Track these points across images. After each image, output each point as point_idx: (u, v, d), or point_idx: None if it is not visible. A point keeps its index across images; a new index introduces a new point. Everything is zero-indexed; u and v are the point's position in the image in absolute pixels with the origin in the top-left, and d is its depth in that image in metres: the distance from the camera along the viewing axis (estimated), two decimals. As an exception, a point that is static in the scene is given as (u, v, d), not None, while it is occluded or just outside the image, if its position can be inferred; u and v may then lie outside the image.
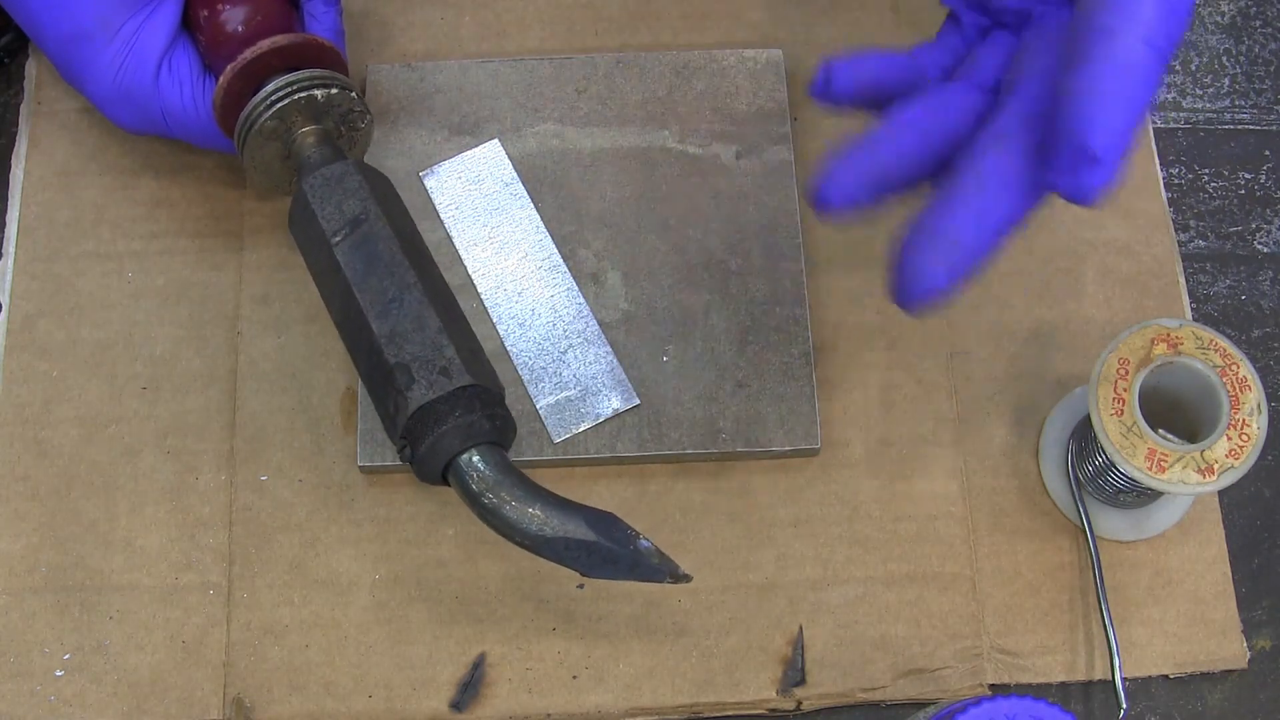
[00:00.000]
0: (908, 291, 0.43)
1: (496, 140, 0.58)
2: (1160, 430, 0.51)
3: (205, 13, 0.54)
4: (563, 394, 0.55)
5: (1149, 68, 0.41)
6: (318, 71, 0.53)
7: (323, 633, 0.54)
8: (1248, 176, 0.62)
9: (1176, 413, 0.52)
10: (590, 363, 0.56)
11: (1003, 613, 0.54)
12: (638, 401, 0.55)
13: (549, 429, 0.55)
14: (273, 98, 0.52)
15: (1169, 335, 0.50)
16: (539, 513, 0.47)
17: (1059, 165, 0.41)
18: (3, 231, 0.59)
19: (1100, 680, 0.54)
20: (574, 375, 0.56)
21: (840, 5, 0.63)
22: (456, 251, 0.57)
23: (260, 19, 0.53)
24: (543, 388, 0.55)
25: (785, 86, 0.60)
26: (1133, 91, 0.40)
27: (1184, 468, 0.49)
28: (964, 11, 0.49)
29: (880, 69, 0.48)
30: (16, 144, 0.60)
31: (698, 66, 0.61)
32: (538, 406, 0.55)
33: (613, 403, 0.55)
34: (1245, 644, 0.54)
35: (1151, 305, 0.59)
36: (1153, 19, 0.41)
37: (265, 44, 0.52)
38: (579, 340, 0.56)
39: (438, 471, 0.48)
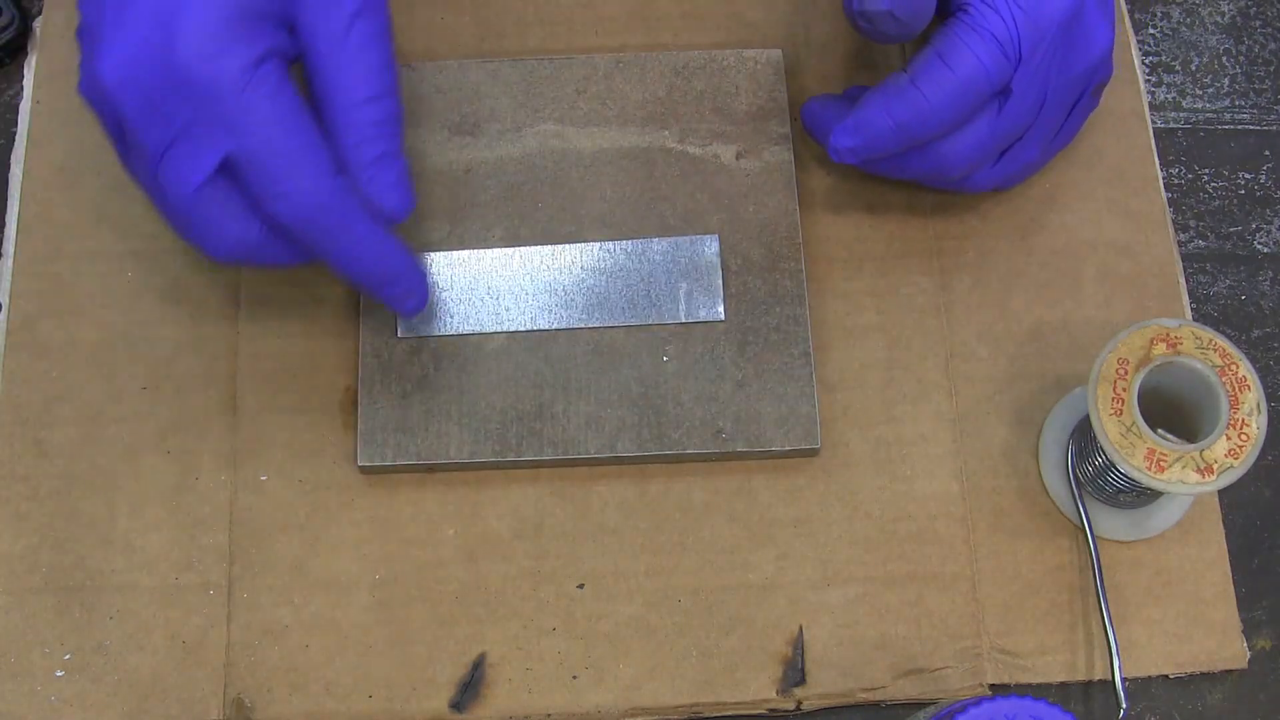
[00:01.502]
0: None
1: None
2: (1160, 430, 0.51)
3: None
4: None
5: (910, 106, 0.52)
6: None
7: (323, 633, 0.54)
8: (1248, 176, 0.62)
9: (1176, 413, 0.52)
10: None
11: (1003, 613, 0.54)
12: None
13: None
14: None
15: (1168, 335, 0.50)
16: None
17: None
18: (3, 231, 0.59)
19: (1100, 680, 0.54)
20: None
21: (840, 5, 0.63)
22: (455, 252, 0.57)
23: None
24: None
25: (785, 86, 0.60)
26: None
27: (1183, 467, 0.49)
28: None
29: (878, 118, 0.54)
30: (16, 144, 0.60)
31: (698, 66, 0.61)
32: None
33: None
34: (1245, 644, 0.54)
35: (1151, 305, 0.59)
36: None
37: None
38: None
39: None
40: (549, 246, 0.58)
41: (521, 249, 0.57)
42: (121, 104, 0.47)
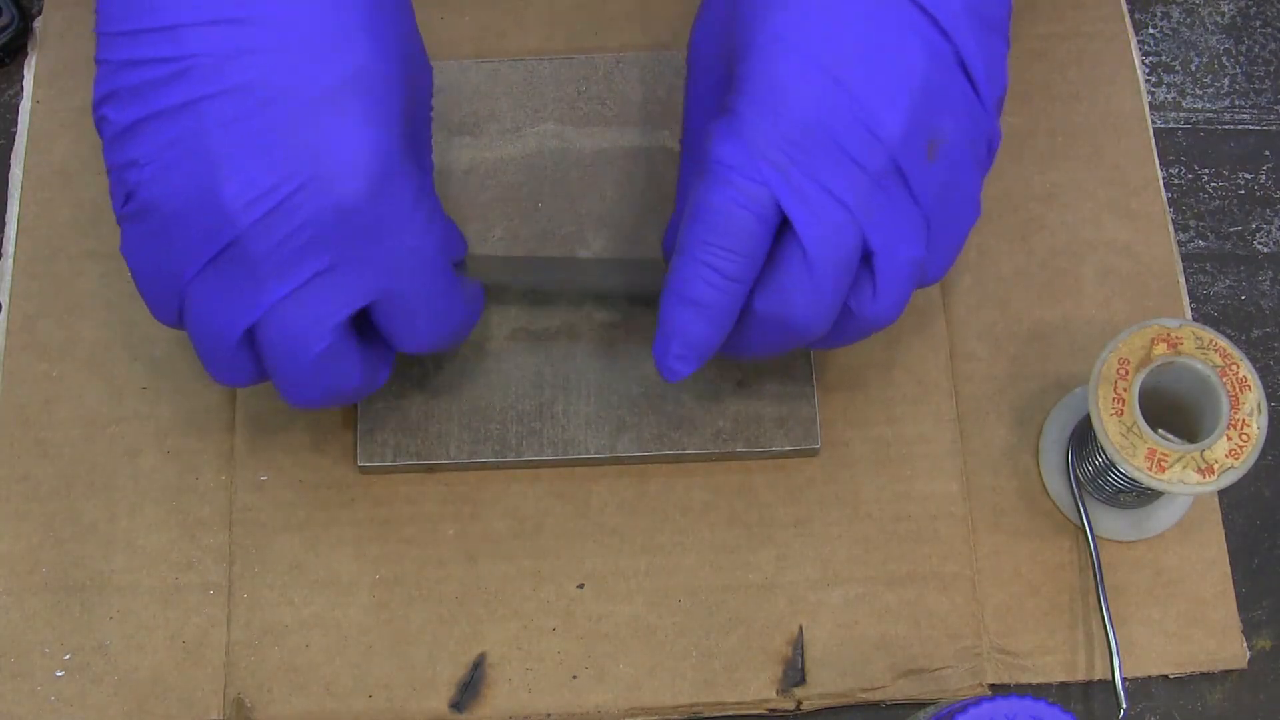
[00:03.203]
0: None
1: None
2: (1160, 430, 0.51)
3: None
4: None
5: (695, 281, 0.46)
6: None
7: (323, 633, 0.54)
8: (1248, 176, 0.62)
9: (1176, 413, 0.52)
10: None
11: (1003, 613, 0.54)
12: None
13: None
14: None
15: (1169, 335, 0.50)
16: None
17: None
18: (3, 231, 0.59)
19: (1100, 680, 0.54)
20: None
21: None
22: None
23: None
24: None
25: (785, 86, 0.60)
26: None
27: (1184, 468, 0.49)
28: None
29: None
30: (16, 143, 0.60)
31: (698, 66, 0.61)
32: None
33: None
34: (1245, 644, 0.54)
35: (1151, 305, 0.59)
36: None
37: None
38: None
39: None
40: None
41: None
42: (252, 238, 0.43)
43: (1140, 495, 0.53)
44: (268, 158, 0.43)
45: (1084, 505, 0.54)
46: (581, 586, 0.54)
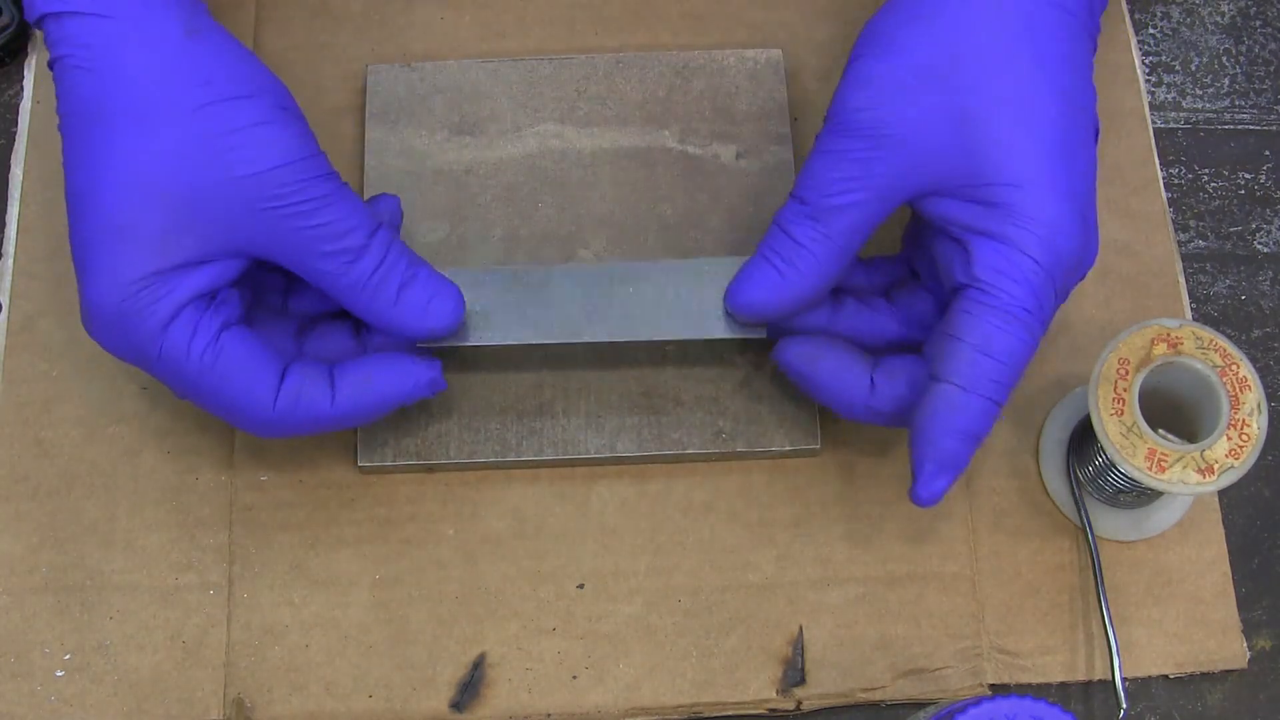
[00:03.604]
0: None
1: None
2: (1160, 430, 0.51)
3: None
4: None
5: (982, 418, 0.48)
6: None
7: (323, 633, 0.54)
8: (1248, 176, 0.62)
9: (1176, 413, 0.52)
10: None
11: (1003, 613, 0.54)
12: None
13: None
14: None
15: (1169, 335, 0.50)
16: None
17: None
18: (3, 231, 0.59)
19: (1100, 680, 0.54)
20: None
21: (840, 5, 0.63)
22: (456, 252, 0.57)
23: None
24: None
25: (785, 86, 0.60)
26: (959, 449, 0.48)
27: (1184, 468, 0.49)
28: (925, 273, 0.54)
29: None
30: (16, 143, 0.60)
31: (697, 66, 0.61)
32: None
33: None
34: (1245, 644, 0.54)
35: (1151, 305, 0.59)
36: (996, 385, 0.48)
37: None
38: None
39: None
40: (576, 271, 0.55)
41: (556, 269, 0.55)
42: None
43: (1140, 495, 0.53)
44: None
45: (1084, 505, 0.54)
46: (581, 586, 0.54)
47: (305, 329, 0.52)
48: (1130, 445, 0.49)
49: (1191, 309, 0.59)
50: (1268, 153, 0.62)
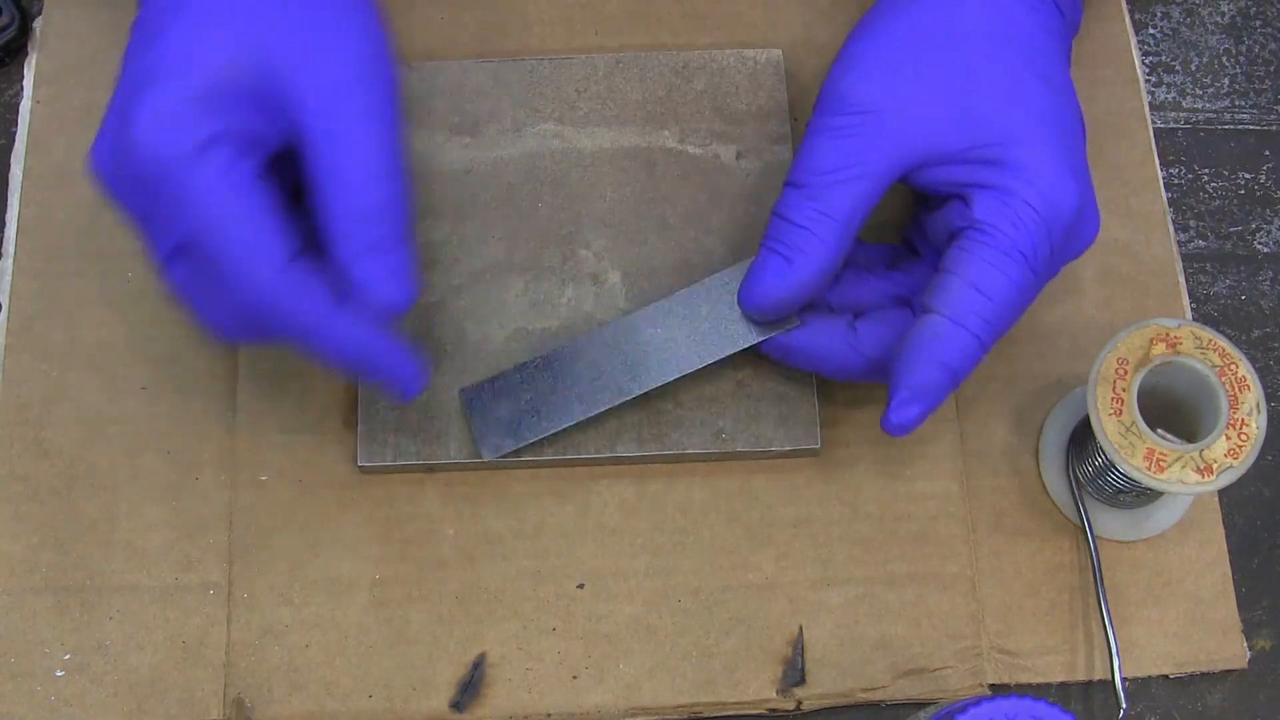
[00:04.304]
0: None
1: None
2: (1159, 430, 0.51)
3: None
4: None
5: (964, 351, 0.49)
6: None
7: (323, 633, 0.54)
8: (1248, 176, 0.62)
9: (1175, 413, 0.52)
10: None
11: (1003, 613, 0.54)
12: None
13: None
14: None
15: (1168, 335, 0.50)
16: None
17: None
18: (3, 231, 0.59)
19: (1100, 680, 0.54)
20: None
21: (840, 5, 0.63)
22: (456, 252, 0.58)
23: None
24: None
25: (785, 86, 0.60)
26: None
27: (1183, 467, 0.49)
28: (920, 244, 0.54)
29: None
30: (16, 143, 0.60)
31: (698, 66, 0.61)
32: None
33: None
34: (1245, 644, 0.54)
35: (1151, 305, 0.59)
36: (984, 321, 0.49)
37: None
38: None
39: None
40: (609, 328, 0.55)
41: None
42: (105, 191, 0.47)
43: (1140, 495, 0.53)
44: (107, 117, 0.47)
45: (1084, 505, 0.54)
46: (581, 586, 0.54)
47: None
48: (1129, 445, 0.49)
49: (1191, 309, 0.59)
50: (1268, 153, 0.62)
